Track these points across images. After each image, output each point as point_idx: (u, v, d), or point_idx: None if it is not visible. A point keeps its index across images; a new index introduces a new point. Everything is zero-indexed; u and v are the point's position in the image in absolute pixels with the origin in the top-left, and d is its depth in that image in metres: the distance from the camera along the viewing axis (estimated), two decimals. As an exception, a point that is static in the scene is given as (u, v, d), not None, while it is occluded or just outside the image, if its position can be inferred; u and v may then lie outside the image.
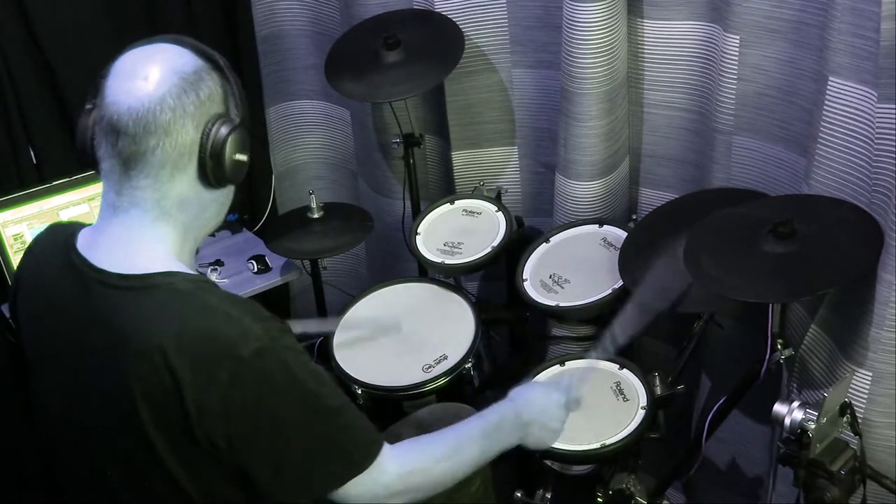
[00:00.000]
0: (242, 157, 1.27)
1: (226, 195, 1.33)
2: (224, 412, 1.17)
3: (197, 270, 1.31)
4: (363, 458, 1.27)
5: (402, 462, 1.31)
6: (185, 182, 1.25)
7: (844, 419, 1.56)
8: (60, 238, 1.34)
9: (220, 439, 1.19)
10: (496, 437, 1.42)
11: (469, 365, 2.01)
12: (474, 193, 2.36)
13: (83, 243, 1.30)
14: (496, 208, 2.28)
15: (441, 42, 2.24)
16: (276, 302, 2.69)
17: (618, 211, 2.26)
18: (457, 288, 2.25)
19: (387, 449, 1.30)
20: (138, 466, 1.26)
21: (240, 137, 1.26)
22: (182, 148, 1.23)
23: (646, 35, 2.09)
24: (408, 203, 2.48)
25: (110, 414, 1.24)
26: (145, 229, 1.26)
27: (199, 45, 1.28)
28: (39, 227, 1.39)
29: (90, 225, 1.33)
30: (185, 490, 1.25)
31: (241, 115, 1.28)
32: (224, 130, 1.24)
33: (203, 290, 1.24)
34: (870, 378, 1.61)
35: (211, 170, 1.25)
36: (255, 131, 2.74)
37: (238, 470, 1.23)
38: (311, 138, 2.83)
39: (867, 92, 1.61)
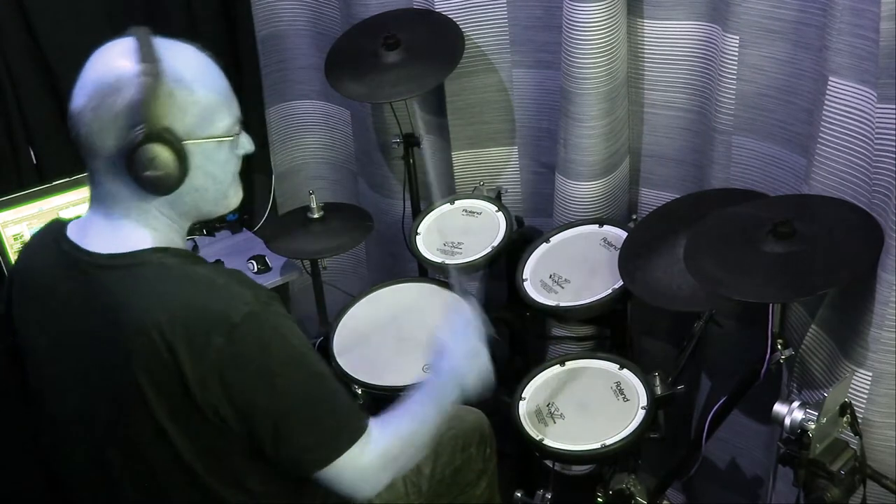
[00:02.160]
0: (152, 172, 1.20)
1: (192, 194, 1.28)
2: (223, 378, 1.19)
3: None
4: (356, 428, 1.29)
5: (385, 434, 1.34)
6: (130, 191, 1.25)
7: (844, 419, 1.56)
8: (53, 230, 1.36)
9: (223, 408, 1.21)
10: (446, 400, 1.45)
11: (469, 365, 2.01)
12: (474, 193, 2.36)
13: (74, 231, 1.32)
14: (496, 208, 2.28)
15: (441, 42, 2.24)
16: (276, 302, 2.69)
17: (618, 211, 2.26)
18: (457, 288, 2.25)
19: (372, 421, 1.33)
20: (143, 449, 1.27)
21: (150, 153, 1.19)
22: (107, 160, 1.23)
23: (646, 35, 2.09)
24: (408, 203, 2.48)
25: (113, 396, 1.25)
26: (124, 218, 1.27)
27: (147, 42, 1.24)
28: (39, 228, 1.41)
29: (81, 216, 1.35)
30: (193, 470, 1.26)
31: (173, 123, 1.21)
32: (133, 143, 1.19)
33: (190, 262, 1.27)
34: (870, 378, 1.61)
35: (137, 184, 1.22)
36: (254, 131, 2.74)
37: (246, 441, 1.25)
38: (311, 138, 2.83)
39: (867, 92, 1.61)
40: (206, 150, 1.26)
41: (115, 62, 1.22)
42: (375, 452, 1.31)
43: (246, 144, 1.35)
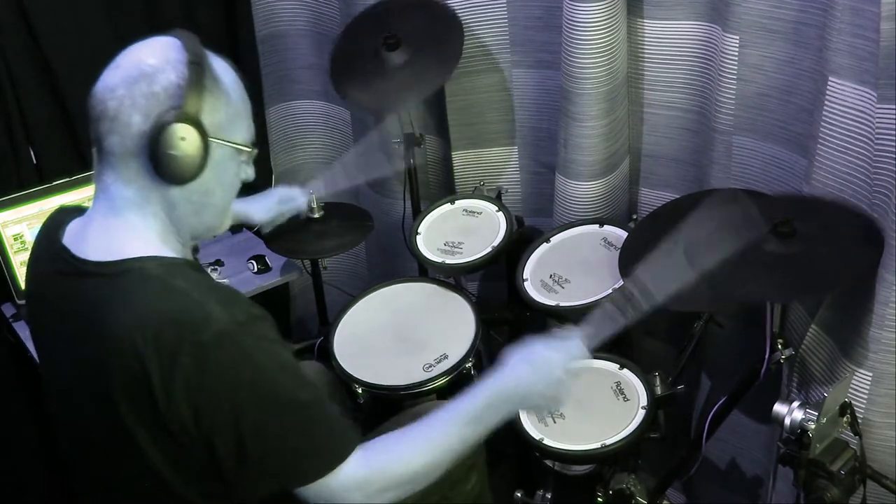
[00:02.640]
0: (177, 153, 1.21)
1: (200, 195, 1.28)
2: (189, 397, 1.17)
3: (192, 258, 1.32)
4: (332, 457, 1.24)
5: (372, 465, 1.27)
6: (141, 175, 1.25)
7: (844, 419, 1.56)
8: (51, 231, 1.35)
9: (189, 425, 1.18)
10: (485, 420, 1.34)
11: (469, 365, 2.01)
12: (474, 193, 2.36)
13: (70, 234, 1.31)
14: (496, 208, 2.28)
15: (440, 33, 2.22)
16: (276, 302, 2.69)
17: (618, 211, 2.26)
18: (457, 288, 2.25)
19: (360, 448, 1.26)
20: (123, 461, 1.26)
21: (181, 133, 1.21)
22: (130, 139, 1.22)
23: (646, 35, 2.09)
24: (408, 203, 2.48)
25: (96, 408, 1.24)
26: (121, 217, 1.27)
27: (193, 41, 1.26)
28: (45, 220, 1.40)
29: (84, 212, 1.34)
30: (166, 481, 1.24)
31: (204, 116, 1.23)
32: (167, 119, 1.20)
33: (173, 273, 1.24)
34: (870, 378, 1.61)
35: (156, 165, 1.22)
36: (255, 131, 2.73)
37: (212, 458, 1.22)
38: (311, 138, 2.83)
39: (867, 92, 1.61)
40: (224, 154, 1.28)
41: (157, 51, 1.24)
42: (352, 484, 1.25)
43: (249, 171, 1.36)
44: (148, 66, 1.22)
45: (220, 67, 1.30)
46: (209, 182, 1.27)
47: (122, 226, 1.26)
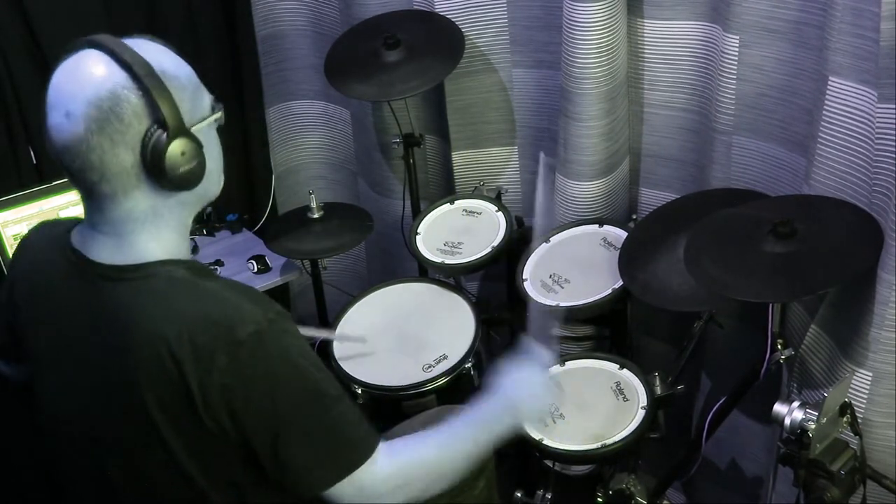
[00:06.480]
0: (184, 166, 1.19)
1: (203, 187, 1.26)
2: (226, 396, 1.18)
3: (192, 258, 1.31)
4: (362, 452, 1.26)
5: (396, 459, 1.30)
6: (146, 195, 1.22)
7: (844, 419, 1.56)
8: (55, 234, 1.34)
9: (226, 423, 1.20)
10: (489, 429, 1.41)
11: (469, 365, 2.01)
12: (474, 193, 2.36)
13: (77, 239, 1.30)
14: (496, 208, 2.28)
15: (441, 40, 2.24)
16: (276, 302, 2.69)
17: (618, 211, 2.26)
18: (457, 288, 2.25)
19: (382, 445, 1.29)
20: (144, 460, 1.26)
21: (179, 149, 1.18)
22: (126, 174, 1.19)
23: (646, 35, 2.09)
24: (408, 203, 2.48)
25: (116, 407, 1.24)
26: (130, 230, 1.25)
27: (113, 43, 1.19)
28: (33, 229, 1.39)
29: (81, 221, 1.32)
30: (192, 479, 1.25)
31: (180, 115, 1.18)
32: (159, 145, 1.17)
33: (200, 276, 1.25)
34: (870, 378, 1.61)
35: (162, 182, 1.20)
36: (255, 132, 2.74)
37: (247, 454, 1.23)
38: (311, 138, 2.83)
39: (867, 92, 1.61)
40: (205, 132, 1.25)
41: (96, 75, 1.17)
42: (380, 477, 1.28)
43: (220, 117, 1.31)
44: (102, 99, 1.15)
45: (155, 54, 1.21)
46: (209, 164, 1.25)
47: (127, 233, 1.25)
